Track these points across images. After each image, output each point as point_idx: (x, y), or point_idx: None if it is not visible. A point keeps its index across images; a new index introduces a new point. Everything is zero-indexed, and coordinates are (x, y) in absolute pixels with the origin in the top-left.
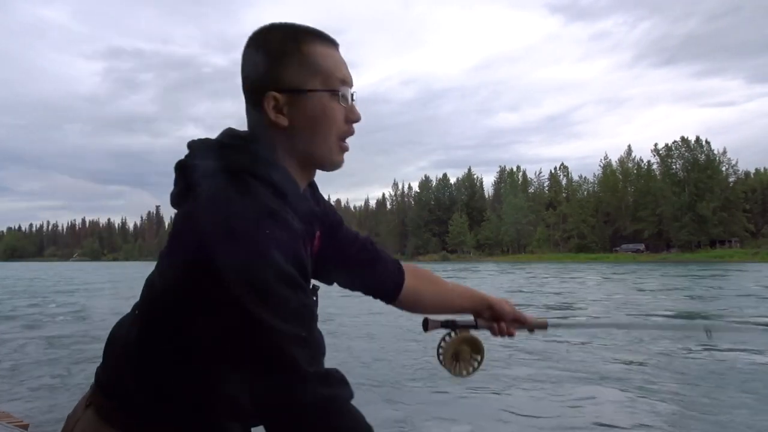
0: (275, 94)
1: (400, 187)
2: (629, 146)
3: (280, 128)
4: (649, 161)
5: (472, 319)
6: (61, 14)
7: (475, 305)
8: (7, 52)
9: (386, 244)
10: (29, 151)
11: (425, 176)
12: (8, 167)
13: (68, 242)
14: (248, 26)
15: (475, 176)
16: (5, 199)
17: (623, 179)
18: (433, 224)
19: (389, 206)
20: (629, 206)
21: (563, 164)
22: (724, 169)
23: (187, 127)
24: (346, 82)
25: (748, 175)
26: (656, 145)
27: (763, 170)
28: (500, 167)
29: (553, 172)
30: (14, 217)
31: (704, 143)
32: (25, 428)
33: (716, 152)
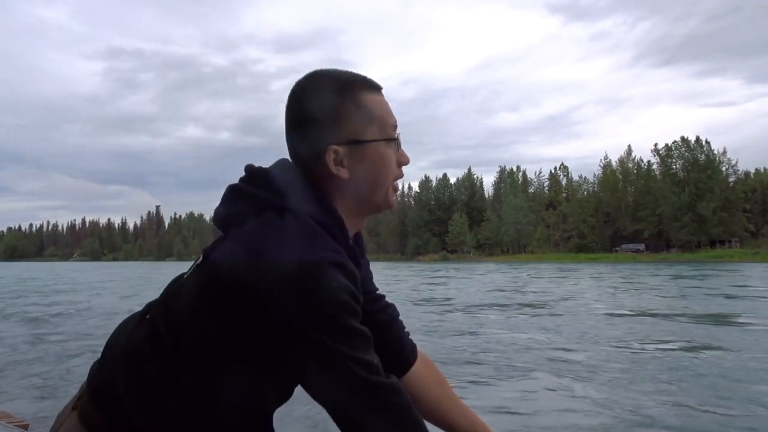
0: (336, 147)
1: (400, 186)
2: (629, 146)
3: (340, 179)
4: (649, 161)
5: None
6: (61, 14)
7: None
8: (7, 52)
9: (386, 244)
10: (29, 151)
11: (425, 176)
12: (8, 167)
13: (68, 242)
14: (248, 26)
15: (475, 176)
16: (5, 199)
17: (623, 179)
18: (433, 224)
19: None
20: (629, 206)
21: (563, 164)
22: (724, 169)
23: (186, 127)
24: (396, 127)
25: (748, 175)
26: (656, 145)
27: (763, 170)
28: (500, 167)
29: (553, 172)
30: (14, 217)
31: (704, 143)
32: (25, 428)
33: (716, 152)
